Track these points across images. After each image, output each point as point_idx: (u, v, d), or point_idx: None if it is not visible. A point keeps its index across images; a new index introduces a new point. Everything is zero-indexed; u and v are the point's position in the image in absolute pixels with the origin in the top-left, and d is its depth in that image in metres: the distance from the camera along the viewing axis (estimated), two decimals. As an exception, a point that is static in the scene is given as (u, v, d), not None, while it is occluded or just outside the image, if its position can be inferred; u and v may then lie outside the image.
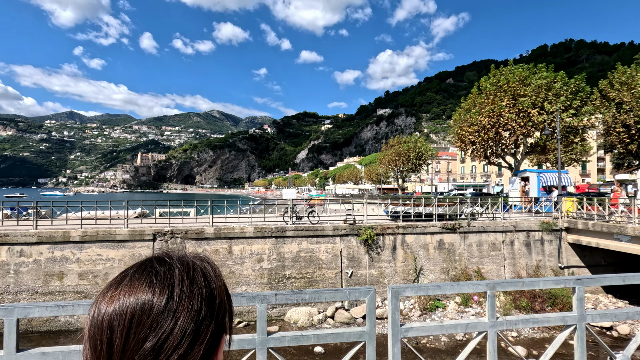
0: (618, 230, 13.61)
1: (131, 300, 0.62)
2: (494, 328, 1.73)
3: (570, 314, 1.94)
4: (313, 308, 14.27)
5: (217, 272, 0.74)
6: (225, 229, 13.83)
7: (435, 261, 15.39)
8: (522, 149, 23.02)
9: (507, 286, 1.96)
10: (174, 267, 0.68)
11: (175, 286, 0.64)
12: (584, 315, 1.86)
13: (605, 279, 1.99)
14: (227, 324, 0.72)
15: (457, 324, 1.80)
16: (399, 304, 1.78)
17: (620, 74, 26.23)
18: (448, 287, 1.86)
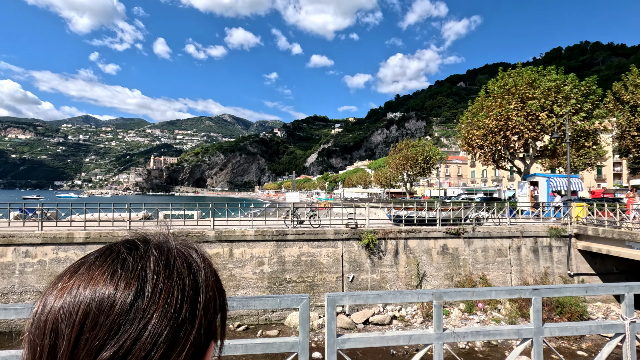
0: (630, 237, 13.14)
1: (86, 294, 0.46)
2: (440, 340, 1.60)
3: (526, 327, 1.80)
4: (313, 312, 14.13)
5: (207, 263, 0.58)
6: (227, 232, 13.84)
7: (439, 267, 15.10)
8: (531, 152, 22.50)
9: (455, 296, 1.83)
10: (149, 253, 0.51)
11: (147, 278, 0.48)
12: (541, 329, 1.72)
13: (567, 289, 1.85)
14: (217, 329, 0.56)
15: (399, 336, 1.68)
16: (335, 312, 1.68)
17: (634, 76, 25.57)
18: (390, 296, 1.74)
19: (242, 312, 13.72)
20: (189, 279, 0.52)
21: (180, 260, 0.53)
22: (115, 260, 0.50)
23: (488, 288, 1.84)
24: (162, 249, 0.53)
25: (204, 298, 0.52)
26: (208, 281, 0.55)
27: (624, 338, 1.65)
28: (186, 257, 0.55)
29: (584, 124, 19.76)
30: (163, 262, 0.51)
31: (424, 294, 1.76)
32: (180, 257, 0.54)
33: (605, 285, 1.81)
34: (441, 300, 1.70)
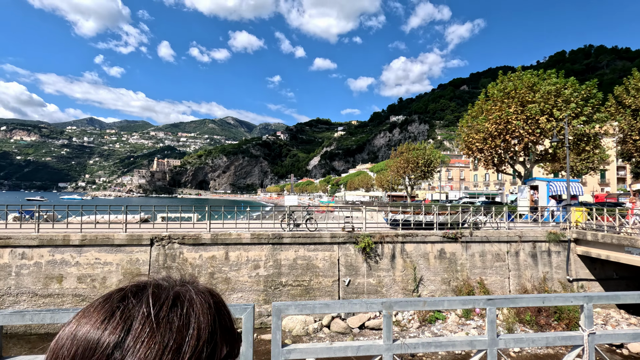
0: (629, 243, 12.99)
1: (82, 332, 0.50)
2: (390, 352, 1.55)
3: (480, 338, 1.73)
4: (309, 317, 14.04)
5: (211, 311, 0.57)
6: (222, 234, 13.82)
7: (436, 271, 14.98)
8: (531, 157, 22.36)
9: (405, 306, 1.78)
10: (142, 303, 0.53)
11: (131, 329, 0.50)
12: (495, 340, 1.66)
13: (522, 299, 1.79)
14: None
15: (347, 346, 1.62)
16: (280, 322, 1.64)
17: (636, 80, 25.42)
18: (337, 306, 1.69)
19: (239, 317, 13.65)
20: (176, 331, 0.52)
21: (180, 305, 0.55)
22: (113, 304, 0.53)
23: (441, 298, 1.79)
24: (159, 298, 0.55)
25: (189, 350, 0.52)
26: (200, 331, 0.54)
27: (583, 350, 1.60)
28: (189, 300, 0.56)
29: (584, 128, 19.62)
30: (154, 313, 0.52)
31: (373, 303, 1.71)
32: (182, 301, 0.55)
33: (563, 296, 1.76)
34: (391, 310, 1.66)
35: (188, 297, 0.56)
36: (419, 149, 43.87)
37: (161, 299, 0.54)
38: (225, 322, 0.59)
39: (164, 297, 0.55)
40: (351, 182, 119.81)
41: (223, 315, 0.60)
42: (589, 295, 1.73)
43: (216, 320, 0.57)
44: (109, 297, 0.55)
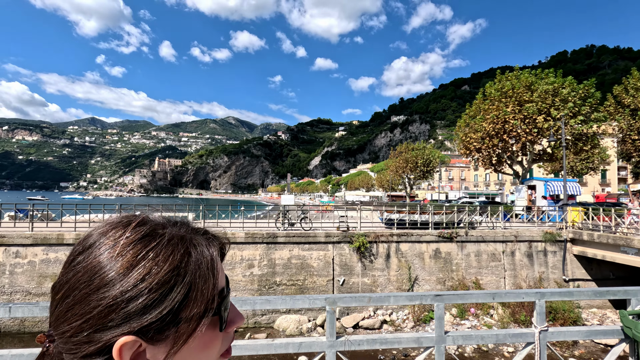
0: (624, 243, 12.91)
1: None
2: (333, 348, 1.51)
3: (427, 335, 1.69)
4: (303, 316, 14.00)
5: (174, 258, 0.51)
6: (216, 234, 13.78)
7: (431, 271, 14.93)
8: (528, 156, 22.27)
9: (350, 302, 1.74)
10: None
11: None
12: (443, 337, 1.62)
13: (472, 295, 1.75)
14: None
15: (289, 343, 1.58)
16: None
17: (635, 80, 25.29)
18: (279, 301, 1.65)
19: (231, 315, 13.63)
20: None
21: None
22: None
23: (387, 294, 1.75)
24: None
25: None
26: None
27: (534, 348, 1.56)
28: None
29: (582, 128, 19.52)
30: None
31: (316, 299, 1.66)
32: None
33: (515, 292, 1.72)
34: (334, 306, 1.62)
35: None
36: (418, 148, 43.82)
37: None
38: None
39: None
40: (352, 182, 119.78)
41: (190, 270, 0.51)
42: (542, 292, 1.69)
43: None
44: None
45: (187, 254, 0.52)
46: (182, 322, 0.49)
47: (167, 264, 0.49)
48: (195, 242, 0.54)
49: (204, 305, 0.51)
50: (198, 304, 0.50)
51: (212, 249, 0.56)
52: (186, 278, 0.50)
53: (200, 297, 0.50)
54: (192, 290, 0.50)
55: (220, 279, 0.56)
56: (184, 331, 0.50)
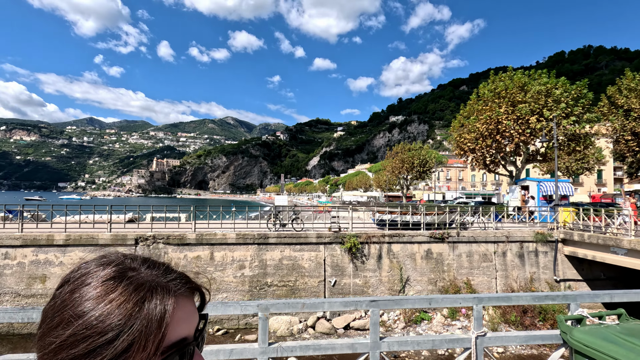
0: (614, 243, 12.95)
1: None
2: (265, 355, 1.50)
3: (362, 341, 1.68)
4: (294, 317, 13.99)
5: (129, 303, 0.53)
6: (208, 234, 13.77)
7: (423, 271, 14.94)
8: (522, 157, 22.31)
9: (283, 307, 1.74)
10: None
11: None
12: (378, 343, 1.61)
13: (408, 301, 1.75)
14: None
15: (219, 350, 1.57)
16: None
17: (629, 80, 25.37)
18: (210, 307, 1.65)
19: (222, 316, 13.62)
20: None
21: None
22: None
23: (321, 300, 1.75)
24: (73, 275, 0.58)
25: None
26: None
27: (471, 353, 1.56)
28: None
29: (574, 128, 19.58)
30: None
31: (248, 305, 1.66)
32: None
33: (451, 297, 1.72)
34: (267, 312, 1.61)
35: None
36: (415, 149, 43.84)
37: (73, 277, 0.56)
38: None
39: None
40: (349, 182, 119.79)
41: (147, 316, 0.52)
42: (479, 297, 1.69)
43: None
44: None
45: (139, 306, 0.52)
46: None
47: (116, 315, 0.50)
48: (155, 292, 0.55)
49: (146, 357, 0.51)
50: (140, 355, 0.50)
51: (169, 300, 0.56)
52: (132, 329, 0.50)
53: (142, 350, 0.50)
54: (136, 343, 0.50)
55: (180, 330, 0.56)
56: None
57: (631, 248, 12.29)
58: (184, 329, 0.58)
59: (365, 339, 1.67)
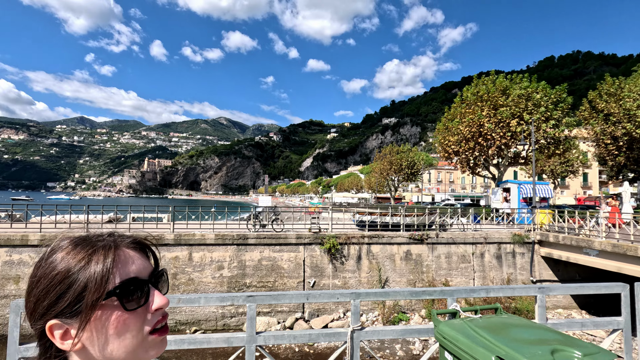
0: (586, 244, 13.21)
1: None
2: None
3: (238, 335, 1.73)
4: (272, 318, 14.00)
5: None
6: (186, 235, 13.72)
7: (402, 272, 15.06)
8: (503, 159, 22.64)
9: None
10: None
11: None
12: (254, 337, 1.66)
13: (285, 296, 1.81)
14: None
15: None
16: (18, 320, 1.62)
17: (608, 85, 25.88)
18: None
19: (200, 317, 13.56)
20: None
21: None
22: None
23: (198, 295, 1.80)
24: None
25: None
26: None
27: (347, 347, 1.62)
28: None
29: (554, 132, 19.93)
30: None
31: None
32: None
33: (328, 293, 1.78)
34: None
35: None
36: (403, 151, 44.16)
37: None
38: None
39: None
40: (341, 183, 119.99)
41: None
42: (357, 292, 1.75)
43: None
44: None
45: (89, 256, 0.70)
46: (84, 307, 0.67)
47: (74, 267, 0.69)
48: (101, 249, 0.72)
49: (97, 294, 0.67)
50: (92, 293, 0.67)
51: (113, 250, 0.73)
52: (85, 273, 0.68)
53: (93, 288, 0.67)
54: (88, 284, 0.67)
55: (132, 271, 0.73)
56: (87, 313, 0.67)
57: (602, 249, 12.56)
58: (133, 271, 0.73)
59: (242, 333, 1.72)
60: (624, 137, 23.59)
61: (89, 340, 0.69)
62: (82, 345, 0.69)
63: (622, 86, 24.69)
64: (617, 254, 12.13)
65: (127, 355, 0.71)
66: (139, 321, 0.72)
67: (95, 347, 0.69)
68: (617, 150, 24.83)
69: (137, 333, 0.71)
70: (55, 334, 0.68)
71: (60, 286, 0.67)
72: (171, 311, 13.58)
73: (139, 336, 0.71)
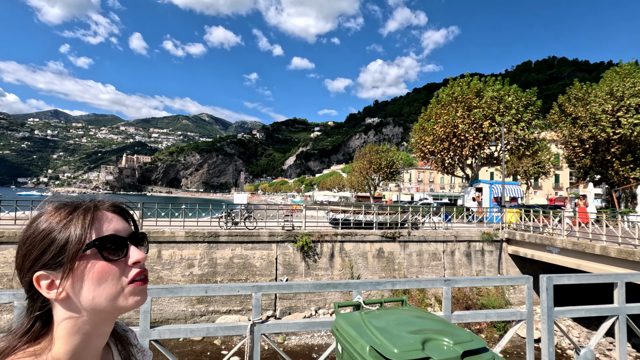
0: (549, 242, 13.72)
1: None
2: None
3: (135, 329, 1.71)
4: (244, 316, 13.90)
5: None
6: (155, 232, 13.41)
7: (374, 270, 15.22)
8: (476, 160, 23.23)
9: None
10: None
11: None
12: (148, 331, 1.64)
13: (183, 289, 1.79)
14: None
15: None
16: None
17: (576, 90, 26.90)
18: None
19: (169, 316, 13.30)
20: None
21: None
22: None
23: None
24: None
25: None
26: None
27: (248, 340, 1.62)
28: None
29: (524, 133, 20.61)
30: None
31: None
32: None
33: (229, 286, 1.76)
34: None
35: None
36: (382, 150, 44.64)
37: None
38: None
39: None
40: (324, 182, 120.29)
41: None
42: (258, 285, 1.74)
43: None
44: None
45: (70, 215, 0.76)
46: (67, 258, 0.73)
47: (55, 224, 0.75)
48: (81, 209, 0.78)
49: (78, 246, 0.73)
50: (75, 245, 0.73)
51: (92, 210, 0.78)
52: (66, 230, 0.74)
53: (75, 241, 0.74)
54: (70, 238, 0.74)
55: (111, 229, 0.79)
56: (69, 263, 0.74)
57: (563, 247, 13.06)
58: (112, 228, 0.79)
59: (135, 327, 1.69)
60: (589, 140, 24.60)
61: (72, 289, 0.74)
62: (67, 294, 0.74)
63: (589, 91, 25.73)
64: (577, 252, 12.65)
65: (108, 303, 0.76)
66: (118, 271, 0.78)
67: (79, 295, 0.74)
68: (584, 153, 25.87)
69: (117, 282, 0.77)
70: (42, 284, 0.74)
71: (44, 241, 0.73)
72: (135, 310, 13.26)
73: (119, 285, 0.77)
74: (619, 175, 23.92)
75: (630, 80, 22.51)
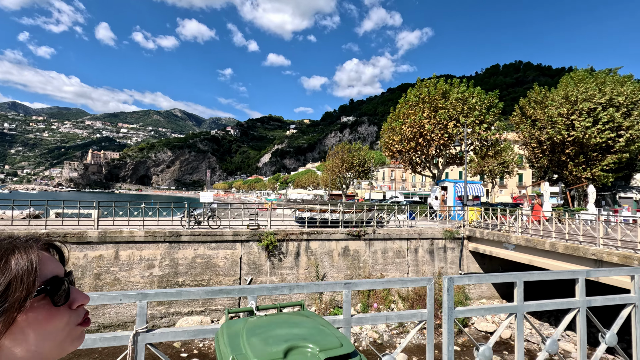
0: (505, 239, 14.32)
1: None
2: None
3: None
4: (206, 317, 13.63)
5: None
6: (112, 232, 12.87)
7: (340, 268, 15.34)
8: (442, 159, 23.95)
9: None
10: None
11: None
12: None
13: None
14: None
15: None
16: None
17: (536, 94, 28.20)
18: None
19: (126, 319, 12.82)
20: None
21: None
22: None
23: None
24: None
25: None
26: None
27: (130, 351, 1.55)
28: None
29: (486, 134, 21.45)
30: None
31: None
32: None
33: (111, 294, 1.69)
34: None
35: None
36: (355, 149, 45.11)
37: None
38: None
39: None
40: (298, 180, 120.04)
41: None
42: (143, 293, 1.67)
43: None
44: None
45: (5, 260, 0.68)
46: (9, 306, 0.65)
47: None
48: (18, 250, 0.70)
49: (24, 292, 0.66)
50: (19, 292, 0.66)
51: (34, 252, 0.72)
52: (6, 276, 0.67)
53: (19, 287, 0.66)
54: (12, 284, 0.66)
55: (51, 271, 0.73)
56: (11, 311, 0.66)
57: (517, 244, 13.69)
58: (52, 270, 0.74)
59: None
60: (547, 142, 25.91)
61: (13, 339, 0.67)
62: (2, 345, 0.66)
63: (547, 95, 27.08)
64: (530, 248, 13.29)
65: (53, 349, 0.71)
66: (65, 315, 0.73)
67: (20, 345, 0.67)
68: (542, 154, 27.22)
69: (65, 326, 0.73)
70: None
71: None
72: (94, 314, 12.72)
73: (66, 329, 0.73)
74: (572, 175, 25.37)
75: (583, 85, 23.88)
